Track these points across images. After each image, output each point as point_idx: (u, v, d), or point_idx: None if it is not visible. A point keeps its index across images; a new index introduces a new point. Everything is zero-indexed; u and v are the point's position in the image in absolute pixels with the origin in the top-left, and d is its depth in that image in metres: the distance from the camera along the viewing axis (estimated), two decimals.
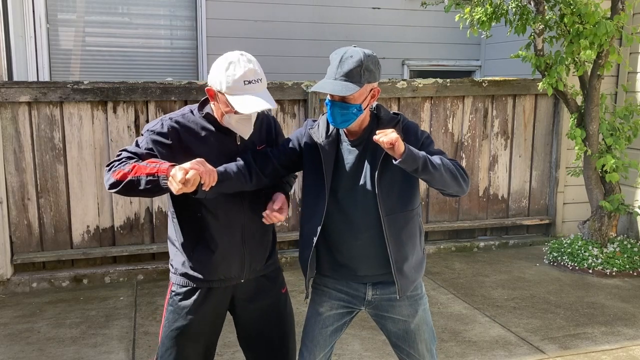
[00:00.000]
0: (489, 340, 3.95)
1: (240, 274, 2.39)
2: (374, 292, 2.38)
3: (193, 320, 2.35)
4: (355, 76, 2.18)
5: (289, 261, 5.33)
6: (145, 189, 2.15)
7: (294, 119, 5.44)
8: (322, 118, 2.39)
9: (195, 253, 2.35)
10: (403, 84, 5.65)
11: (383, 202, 2.27)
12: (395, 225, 2.30)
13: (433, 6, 6.26)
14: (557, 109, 6.09)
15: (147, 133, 2.30)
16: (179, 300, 2.38)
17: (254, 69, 2.21)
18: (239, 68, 2.19)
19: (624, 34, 5.05)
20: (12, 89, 4.76)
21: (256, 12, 7.50)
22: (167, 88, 5.04)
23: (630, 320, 4.27)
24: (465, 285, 4.99)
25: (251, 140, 2.38)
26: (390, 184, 2.29)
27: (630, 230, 6.03)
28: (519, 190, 6.20)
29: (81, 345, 3.88)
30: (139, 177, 2.14)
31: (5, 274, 4.86)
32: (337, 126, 2.29)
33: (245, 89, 2.19)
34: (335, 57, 2.23)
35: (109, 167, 2.25)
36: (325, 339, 2.42)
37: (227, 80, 2.19)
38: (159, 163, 2.16)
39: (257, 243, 2.42)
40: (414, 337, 2.42)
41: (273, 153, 2.38)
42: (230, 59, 2.21)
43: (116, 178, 2.18)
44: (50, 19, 7.00)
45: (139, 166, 2.16)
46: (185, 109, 2.39)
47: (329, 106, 2.25)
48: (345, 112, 2.22)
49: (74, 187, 5.01)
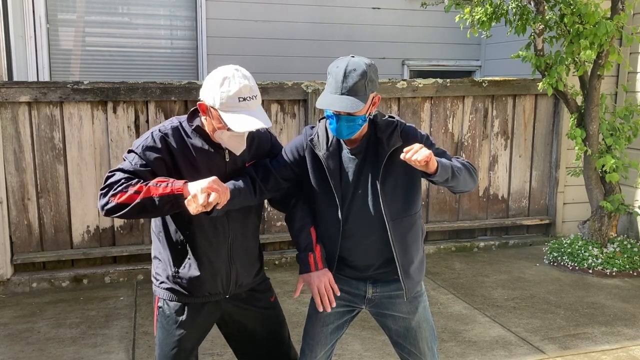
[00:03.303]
0: (489, 340, 3.95)
1: (226, 289, 2.36)
2: (374, 290, 2.41)
3: (183, 336, 2.34)
4: (360, 90, 2.16)
5: (289, 261, 5.32)
6: (159, 210, 2.09)
7: (294, 119, 5.44)
8: (320, 127, 2.36)
9: (183, 270, 2.33)
10: (403, 84, 5.65)
11: (387, 208, 2.28)
12: (400, 229, 2.32)
13: (433, 6, 6.26)
14: (557, 109, 6.09)
15: (139, 149, 2.20)
16: (166, 316, 2.36)
17: (249, 86, 2.14)
18: (234, 84, 2.11)
19: (624, 34, 5.05)
20: (12, 89, 4.76)
21: (256, 12, 7.50)
22: (167, 88, 5.04)
23: (630, 320, 4.27)
24: (465, 285, 4.99)
25: (241, 157, 2.31)
26: (394, 189, 2.31)
27: (630, 230, 6.03)
28: (519, 190, 6.20)
29: (81, 345, 3.88)
30: (152, 197, 2.07)
31: (5, 274, 4.86)
32: (342, 137, 2.27)
33: (239, 106, 2.12)
34: (337, 71, 2.18)
35: (105, 190, 2.14)
36: (326, 336, 2.44)
37: (221, 97, 2.11)
38: (170, 182, 2.10)
39: (245, 259, 2.39)
40: (415, 335, 2.43)
41: (273, 165, 2.35)
42: (225, 74, 2.13)
43: (119, 201, 2.09)
44: (50, 19, 7.00)
45: (149, 187, 2.08)
46: (174, 121, 2.29)
47: (334, 120, 2.21)
48: (352, 124, 2.21)
49: (74, 187, 5.00)
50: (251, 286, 2.44)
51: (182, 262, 2.33)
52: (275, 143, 2.49)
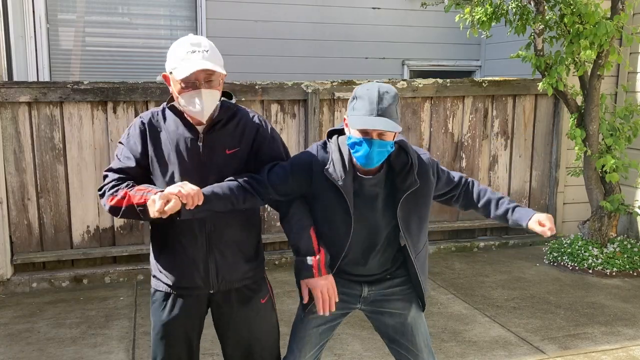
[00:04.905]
0: (489, 341, 3.95)
1: (206, 284, 2.30)
2: (369, 288, 2.42)
3: (168, 323, 2.33)
4: (394, 112, 2.13)
5: (289, 261, 5.32)
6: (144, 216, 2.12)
7: (294, 119, 5.44)
8: (334, 152, 2.25)
9: (161, 258, 2.33)
10: (403, 84, 5.65)
11: (413, 247, 2.33)
12: (420, 259, 2.40)
13: (433, 6, 6.26)
14: (557, 109, 6.09)
15: (125, 141, 2.28)
16: (154, 303, 2.38)
17: (197, 42, 2.13)
18: (183, 43, 2.15)
19: (624, 34, 5.05)
20: (12, 89, 4.76)
21: (256, 12, 7.50)
22: (167, 88, 5.02)
23: (630, 320, 4.27)
24: (465, 285, 4.99)
25: (221, 142, 2.25)
26: (418, 225, 2.35)
27: (630, 230, 6.03)
28: (519, 190, 6.20)
29: (81, 345, 3.88)
30: (133, 205, 2.13)
31: (5, 274, 4.86)
32: (370, 166, 2.19)
33: (187, 58, 2.11)
34: (369, 93, 2.12)
35: (101, 192, 2.24)
36: (317, 337, 2.43)
37: (174, 59, 2.14)
38: (145, 191, 2.13)
39: (229, 252, 2.31)
40: (411, 330, 2.44)
41: (270, 179, 2.26)
42: (178, 41, 2.17)
43: (112, 205, 2.18)
44: (50, 19, 7.00)
45: (129, 196, 2.14)
46: (160, 107, 2.36)
47: (366, 145, 2.12)
48: (382, 150, 2.14)
49: (74, 187, 5.00)
50: (242, 283, 2.35)
51: (162, 250, 2.34)
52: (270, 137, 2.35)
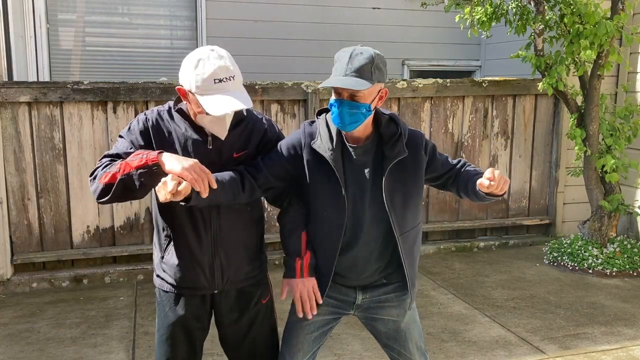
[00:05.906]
0: (489, 340, 3.95)
1: (211, 284, 2.28)
2: (363, 296, 2.35)
3: (173, 324, 2.32)
4: (366, 72, 2.05)
5: None
6: (141, 185, 2.02)
7: (294, 119, 5.44)
8: (321, 126, 2.22)
9: (166, 256, 2.31)
10: (403, 84, 5.66)
11: (397, 223, 2.21)
12: (408, 242, 2.27)
13: (433, 6, 6.26)
14: (557, 109, 6.09)
15: (126, 134, 2.21)
16: (159, 303, 2.37)
17: (225, 66, 2.04)
18: (209, 66, 2.03)
19: (624, 34, 5.05)
20: (12, 89, 4.76)
21: (256, 12, 7.50)
22: (167, 88, 5.04)
23: (630, 320, 4.28)
24: (465, 285, 4.99)
25: (229, 145, 2.21)
26: (403, 202, 2.23)
27: (630, 230, 6.03)
28: (519, 190, 6.20)
29: (81, 345, 3.88)
30: (131, 173, 2.01)
31: (5, 274, 4.86)
32: (344, 129, 2.13)
33: (215, 88, 2.03)
34: (343, 55, 2.09)
35: (93, 175, 2.13)
36: (309, 344, 2.36)
37: (196, 80, 2.03)
38: (145, 153, 2.05)
39: (235, 253, 2.29)
40: (404, 336, 2.40)
41: (264, 162, 2.22)
42: (200, 56, 2.05)
43: (105, 182, 2.06)
44: (50, 19, 7.00)
45: (126, 163, 2.04)
46: (165, 105, 2.27)
47: (336, 106, 2.09)
48: (355, 112, 2.08)
49: (74, 187, 5.00)
50: (245, 283, 2.35)
51: (166, 249, 2.31)
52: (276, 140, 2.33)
